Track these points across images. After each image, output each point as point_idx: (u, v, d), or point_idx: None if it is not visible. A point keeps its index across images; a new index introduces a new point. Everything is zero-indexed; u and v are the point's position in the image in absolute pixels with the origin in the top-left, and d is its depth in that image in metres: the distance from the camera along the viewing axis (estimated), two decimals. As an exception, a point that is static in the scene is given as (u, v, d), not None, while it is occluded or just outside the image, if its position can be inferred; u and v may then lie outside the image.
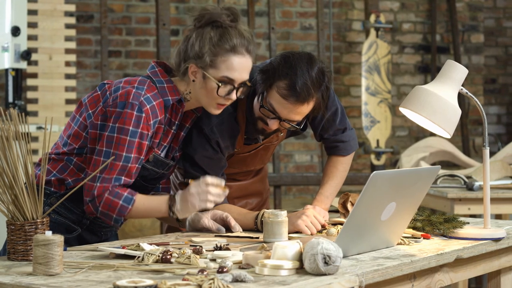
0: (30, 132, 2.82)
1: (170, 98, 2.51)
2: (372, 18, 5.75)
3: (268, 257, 1.97)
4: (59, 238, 1.92)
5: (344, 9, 6.45)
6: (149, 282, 1.74)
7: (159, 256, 2.04)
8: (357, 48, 6.43)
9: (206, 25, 2.50)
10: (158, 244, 2.30)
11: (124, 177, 2.42)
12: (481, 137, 6.63)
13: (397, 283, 2.13)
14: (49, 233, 1.93)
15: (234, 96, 2.51)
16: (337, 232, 2.53)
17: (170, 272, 1.94)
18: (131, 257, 2.08)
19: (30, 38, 5.06)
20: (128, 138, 2.41)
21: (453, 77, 2.50)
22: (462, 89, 2.52)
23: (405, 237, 2.41)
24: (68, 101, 5.22)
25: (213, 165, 2.71)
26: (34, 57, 5.02)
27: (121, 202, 2.41)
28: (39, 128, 4.66)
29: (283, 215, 2.47)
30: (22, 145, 2.12)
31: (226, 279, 1.79)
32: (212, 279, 1.74)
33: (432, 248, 2.31)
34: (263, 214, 2.57)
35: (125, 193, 2.42)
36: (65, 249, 2.23)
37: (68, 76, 5.32)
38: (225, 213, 2.63)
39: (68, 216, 2.53)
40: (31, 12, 5.08)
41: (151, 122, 2.44)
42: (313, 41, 6.34)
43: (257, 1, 6.20)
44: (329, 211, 2.90)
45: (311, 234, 2.58)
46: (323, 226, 2.65)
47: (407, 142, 6.49)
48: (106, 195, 2.40)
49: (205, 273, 1.85)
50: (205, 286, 1.72)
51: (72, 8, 5.31)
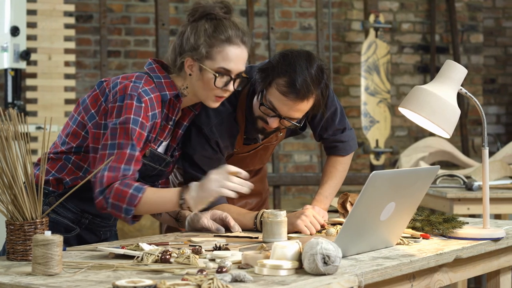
0: (29, 132, 2.82)
1: (167, 92, 2.51)
2: (371, 18, 5.75)
3: (267, 257, 1.97)
4: (58, 238, 1.92)
5: (343, 9, 6.45)
6: (148, 282, 1.73)
7: (158, 256, 2.03)
8: (356, 48, 6.43)
9: (200, 19, 2.51)
10: (157, 244, 2.30)
11: (133, 166, 2.37)
12: (480, 137, 6.63)
13: (396, 283, 2.13)
14: (48, 233, 1.93)
15: (231, 87, 2.50)
16: (336, 232, 2.53)
17: (169, 272, 1.94)
18: (130, 257, 2.08)
19: (29, 38, 5.07)
20: (131, 126, 2.38)
21: (452, 77, 2.50)
22: (461, 89, 2.52)
23: (404, 237, 2.41)
24: (68, 101, 5.22)
25: (212, 165, 2.70)
26: (33, 57, 5.02)
27: (131, 191, 2.34)
28: (38, 128, 4.66)
29: (282, 215, 2.47)
30: (21, 145, 2.12)
31: (226, 279, 1.79)
32: (212, 279, 1.74)
33: (431, 248, 2.31)
34: (262, 214, 2.57)
35: (135, 184, 2.36)
36: (64, 249, 2.23)
37: (67, 76, 5.32)
38: (225, 213, 2.63)
39: (67, 215, 2.52)
40: (30, 12, 5.08)
41: (150, 113, 2.44)
42: (313, 41, 6.34)
43: (256, 1, 6.20)
44: (328, 211, 2.90)
45: (311, 234, 2.58)
46: (322, 226, 2.64)
47: (406, 142, 6.49)
48: (116, 185, 2.34)
49: (204, 273, 1.85)
50: (204, 286, 1.72)
51: (71, 8, 5.32)
